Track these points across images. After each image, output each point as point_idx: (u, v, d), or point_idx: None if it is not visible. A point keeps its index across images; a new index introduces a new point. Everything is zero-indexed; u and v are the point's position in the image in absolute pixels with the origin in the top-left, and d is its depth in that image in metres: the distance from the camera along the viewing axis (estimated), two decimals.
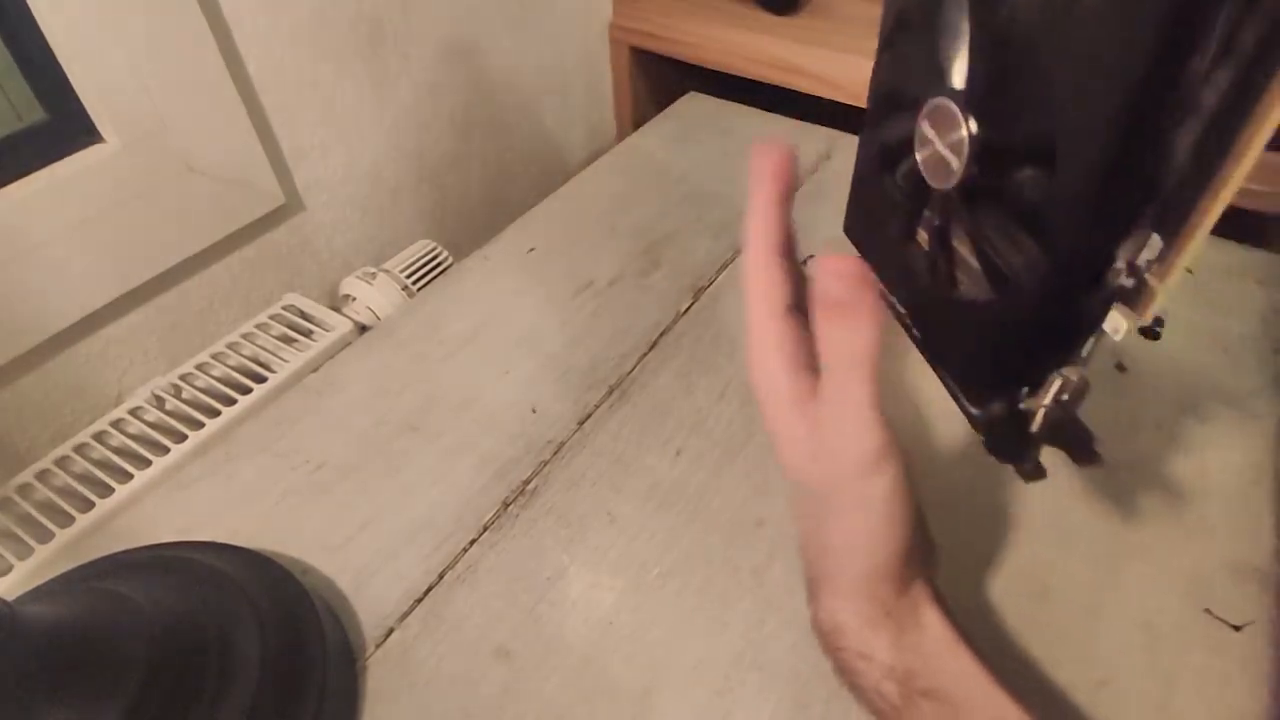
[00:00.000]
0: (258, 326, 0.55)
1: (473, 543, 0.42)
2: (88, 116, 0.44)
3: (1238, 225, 0.58)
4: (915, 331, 0.30)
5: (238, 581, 0.36)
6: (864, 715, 0.31)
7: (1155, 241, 0.21)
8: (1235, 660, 0.36)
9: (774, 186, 0.28)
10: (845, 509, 0.28)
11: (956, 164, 0.24)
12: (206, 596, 0.35)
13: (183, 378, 0.51)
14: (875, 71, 0.29)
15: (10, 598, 0.29)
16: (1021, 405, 0.26)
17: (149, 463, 0.46)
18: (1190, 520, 0.42)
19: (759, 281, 0.28)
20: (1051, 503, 0.43)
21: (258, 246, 0.56)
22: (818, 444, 0.27)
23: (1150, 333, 0.50)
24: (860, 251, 0.32)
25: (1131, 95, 0.20)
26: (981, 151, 0.24)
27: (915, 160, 0.26)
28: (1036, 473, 0.28)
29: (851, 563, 0.30)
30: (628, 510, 0.43)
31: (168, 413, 0.50)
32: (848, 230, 0.34)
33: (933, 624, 0.30)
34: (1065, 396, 0.25)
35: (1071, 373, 0.24)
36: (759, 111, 0.75)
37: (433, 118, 0.64)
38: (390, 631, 0.39)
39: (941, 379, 0.30)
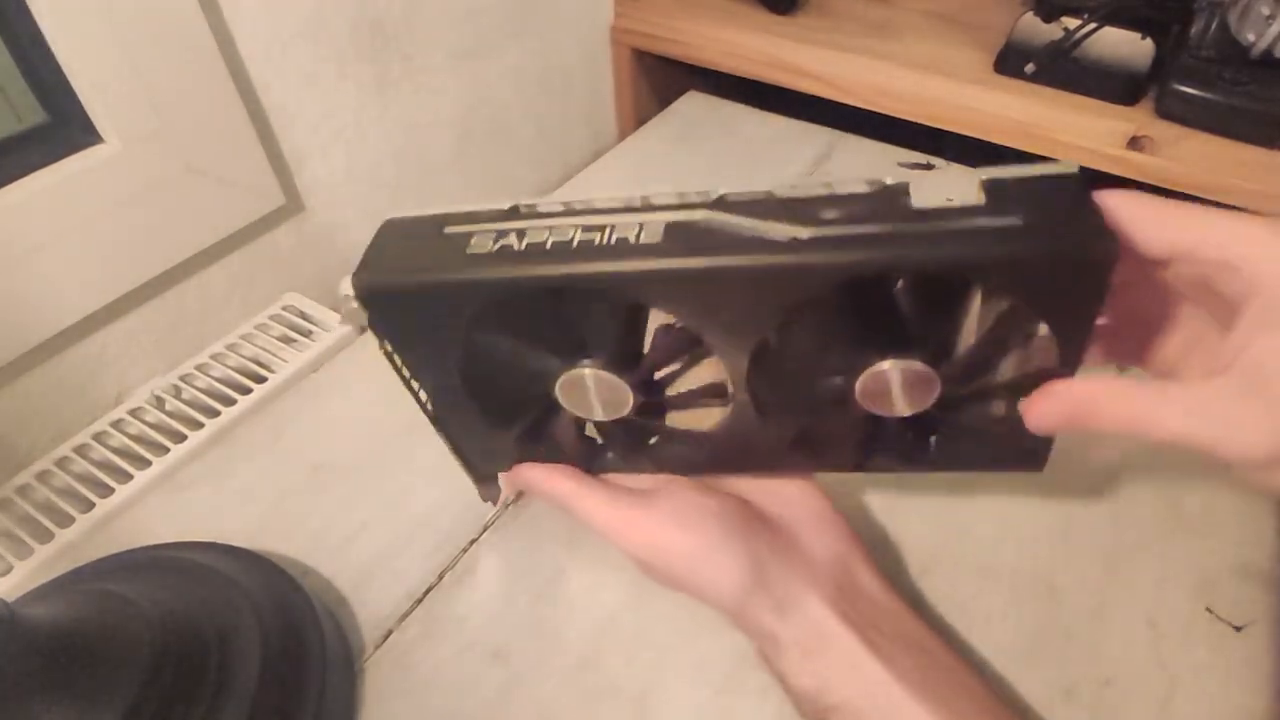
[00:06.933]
0: (257, 327, 0.55)
1: (473, 543, 0.42)
2: (88, 117, 0.44)
3: None
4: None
5: (237, 582, 0.36)
6: None
7: None
8: (1239, 659, 0.36)
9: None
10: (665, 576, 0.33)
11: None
12: (206, 597, 0.34)
13: (182, 378, 0.51)
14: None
15: (10, 598, 0.29)
16: None
17: (149, 463, 0.46)
18: (1193, 520, 0.42)
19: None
20: (1056, 503, 0.43)
21: (257, 246, 0.56)
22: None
23: None
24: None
25: None
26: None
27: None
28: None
29: (703, 600, 0.33)
30: None
31: (167, 413, 0.50)
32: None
33: (838, 639, 0.30)
34: None
35: None
36: (759, 111, 0.75)
37: (433, 118, 0.64)
38: (389, 632, 0.39)
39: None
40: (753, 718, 0.35)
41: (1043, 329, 0.25)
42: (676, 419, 0.31)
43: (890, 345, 0.25)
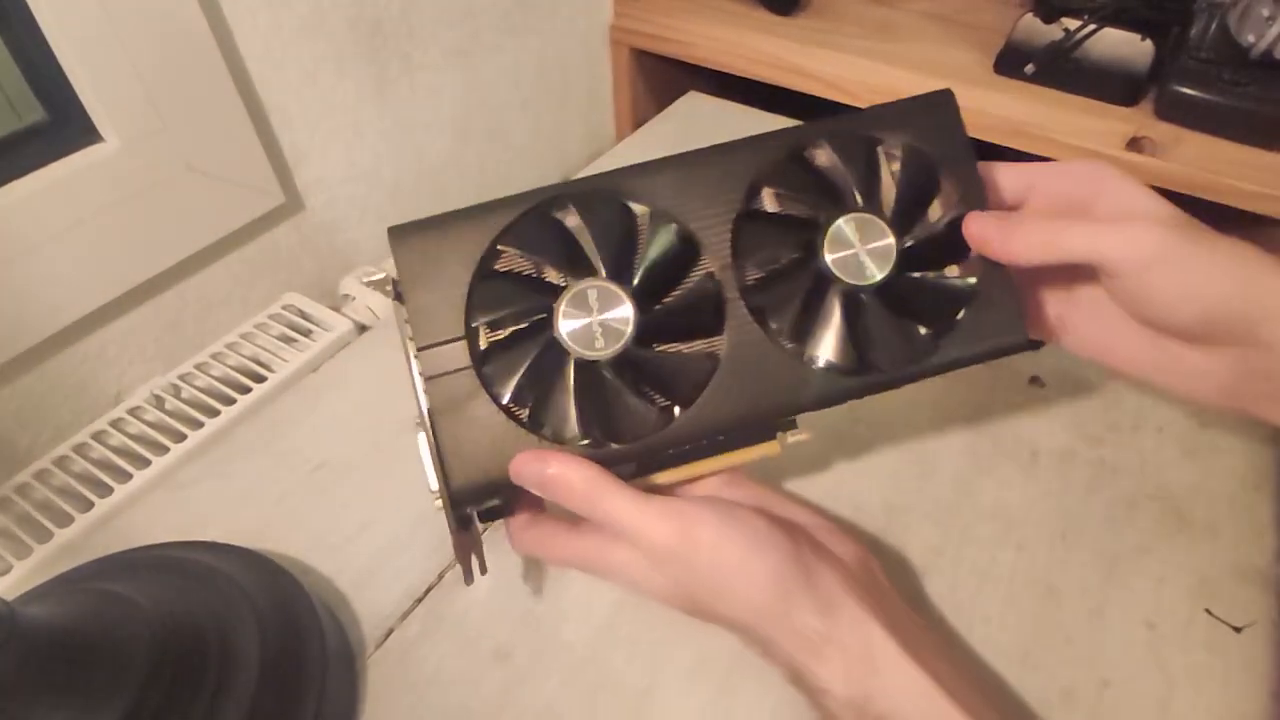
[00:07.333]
0: (257, 326, 0.55)
1: None
2: (88, 116, 0.44)
3: (1238, 227, 0.58)
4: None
5: (238, 581, 0.36)
6: None
7: None
8: (1237, 660, 0.36)
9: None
10: (688, 583, 0.30)
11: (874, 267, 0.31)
12: (206, 596, 0.34)
13: (182, 377, 0.51)
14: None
15: (9, 597, 0.29)
16: None
17: (148, 462, 0.46)
18: (1193, 522, 0.42)
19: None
20: (1056, 504, 0.43)
21: (257, 246, 0.56)
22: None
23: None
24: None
25: None
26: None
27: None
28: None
29: (734, 615, 0.30)
30: None
31: (167, 412, 0.50)
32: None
33: (881, 644, 0.29)
34: None
35: None
36: (759, 111, 0.75)
37: (432, 118, 0.64)
38: (390, 631, 0.39)
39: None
40: (751, 716, 0.35)
41: (942, 176, 0.32)
42: (679, 348, 0.31)
43: (837, 207, 0.31)
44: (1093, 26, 0.61)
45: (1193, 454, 0.45)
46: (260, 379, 0.51)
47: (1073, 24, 0.62)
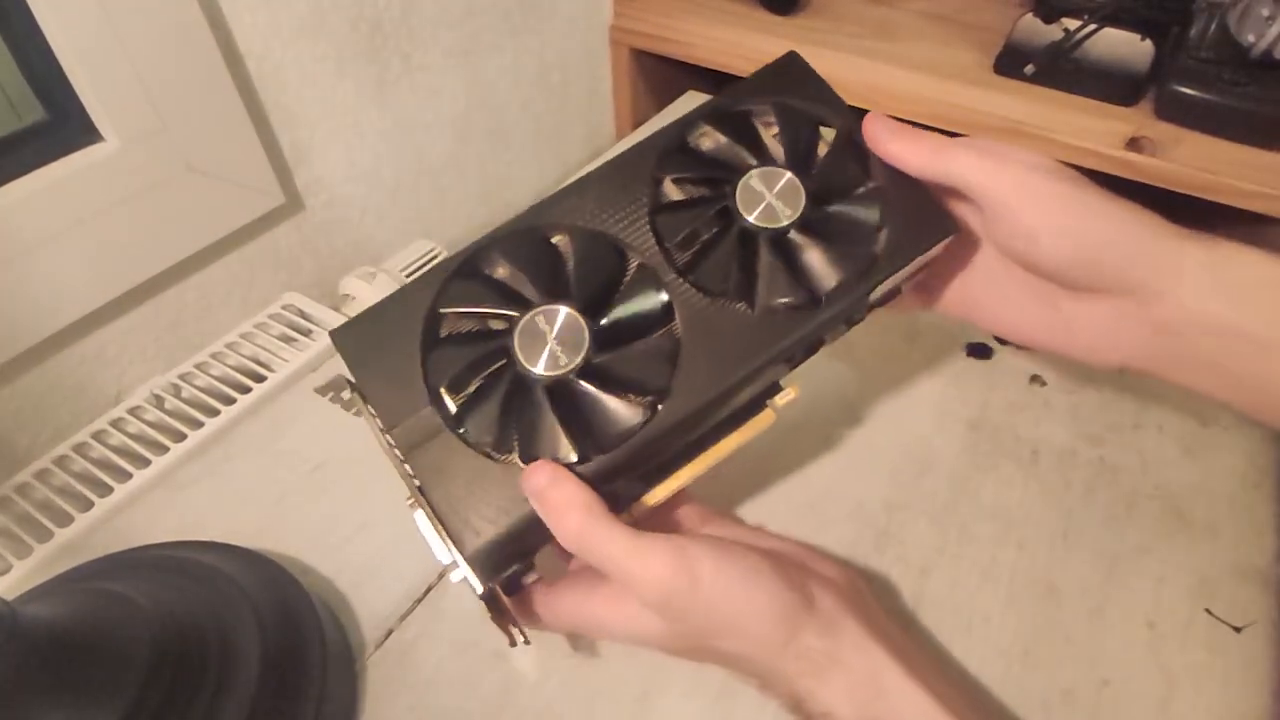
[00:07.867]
0: (257, 326, 0.55)
1: None
2: (88, 116, 0.44)
3: (1238, 227, 0.58)
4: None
5: (238, 581, 0.36)
6: None
7: None
8: (1237, 660, 0.36)
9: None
10: (687, 621, 0.29)
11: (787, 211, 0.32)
12: (206, 596, 0.34)
13: (182, 377, 0.51)
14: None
15: (9, 597, 0.29)
16: None
17: (148, 462, 0.46)
18: (1193, 521, 0.42)
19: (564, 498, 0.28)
20: (1056, 503, 0.43)
21: (257, 246, 0.56)
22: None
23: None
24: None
25: None
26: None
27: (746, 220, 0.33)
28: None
29: (735, 650, 0.29)
30: None
31: (167, 412, 0.50)
32: None
33: (885, 667, 0.29)
34: None
35: None
36: None
37: (433, 118, 0.64)
38: (390, 632, 0.39)
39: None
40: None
41: (824, 131, 0.34)
42: (637, 346, 0.31)
43: (735, 175, 0.33)
44: (1093, 26, 0.61)
45: (1193, 453, 0.45)
46: (260, 379, 0.51)
47: (1073, 24, 0.62)
